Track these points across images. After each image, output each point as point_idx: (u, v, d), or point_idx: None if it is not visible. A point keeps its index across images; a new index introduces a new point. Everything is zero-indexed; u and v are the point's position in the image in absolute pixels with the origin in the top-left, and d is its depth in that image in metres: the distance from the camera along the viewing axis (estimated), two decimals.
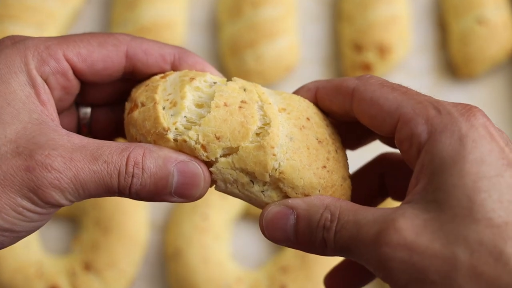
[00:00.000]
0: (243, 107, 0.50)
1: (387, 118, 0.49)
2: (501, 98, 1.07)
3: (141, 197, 0.50)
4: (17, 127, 0.48)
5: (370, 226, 0.45)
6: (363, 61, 1.04)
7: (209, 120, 0.49)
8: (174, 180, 0.49)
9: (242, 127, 0.49)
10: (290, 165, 0.49)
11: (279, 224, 0.50)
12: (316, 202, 0.49)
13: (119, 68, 0.55)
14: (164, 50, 0.56)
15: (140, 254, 0.95)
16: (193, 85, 0.52)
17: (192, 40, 1.10)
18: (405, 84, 1.14)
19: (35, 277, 0.90)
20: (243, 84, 0.53)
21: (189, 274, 0.91)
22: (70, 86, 0.54)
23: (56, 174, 0.47)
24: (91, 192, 0.48)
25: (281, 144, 0.49)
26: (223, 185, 0.51)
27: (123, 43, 0.55)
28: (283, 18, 1.05)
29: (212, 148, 0.49)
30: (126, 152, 0.49)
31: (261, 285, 0.91)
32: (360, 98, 0.51)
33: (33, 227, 0.49)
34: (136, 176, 0.48)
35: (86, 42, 0.54)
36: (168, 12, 1.06)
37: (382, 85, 0.50)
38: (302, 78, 1.08)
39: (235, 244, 0.97)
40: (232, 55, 1.05)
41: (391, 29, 1.04)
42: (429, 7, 1.13)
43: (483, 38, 1.04)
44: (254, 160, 0.49)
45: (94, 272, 0.91)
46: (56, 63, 0.52)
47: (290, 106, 0.53)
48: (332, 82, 0.54)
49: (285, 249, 0.94)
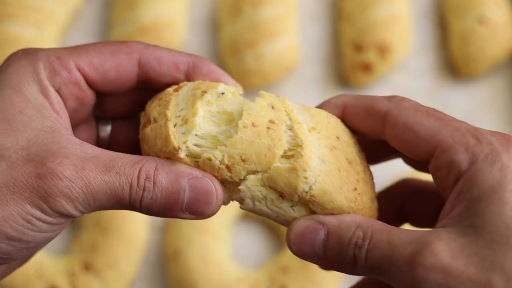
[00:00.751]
0: (271, 128, 0.49)
1: (423, 144, 0.49)
2: (501, 98, 1.06)
3: (152, 212, 0.49)
4: (29, 135, 0.47)
5: (405, 247, 0.45)
6: (363, 61, 1.03)
7: (236, 141, 0.48)
8: (186, 195, 0.49)
9: (268, 151, 0.49)
10: (321, 189, 0.49)
11: (307, 238, 0.49)
12: (347, 219, 0.49)
13: (132, 77, 0.54)
14: (177, 58, 0.55)
15: (140, 255, 0.95)
16: (205, 99, 0.51)
17: (192, 40, 1.10)
18: (405, 84, 1.14)
19: (35, 277, 0.90)
20: (271, 100, 0.51)
21: (189, 275, 0.91)
22: (84, 96, 0.54)
23: (67, 182, 0.46)
24: (102, 203, 0.47)
25: (313, 166, 0.49)
26: (251, 203, 0.50)
27: (135, 51, 0.54)
28: (283, 18, 1.05)
29: (236, 169, 0.49)
30: (138, 165, 0.48)
31: (261, 285, 0.91)
32: (393, 122, 0.51)
33: (42, 238, 0.48)
34: (147, 189, 0.48)
35: (98, 51, 0.53)
36: (168, 12, 1.06)
37: (416, 109, 0.50)
38: (302, 78, 1.08)
39: (235, 244, 0.97)
40: (232, 55, 1.05)
41: (391, 29, 1.04)
42: (430, 6, 1.13)
43: (483, 37, 1.04)
44: (285, 181, 0.49)
45: (94, 272, 0.91)
46: (68, 73, 0.51)
47: (319, 124, 0.52)
48: (362, 101, 0.53)
49: (285, 250, 0.94)
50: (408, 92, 1.07)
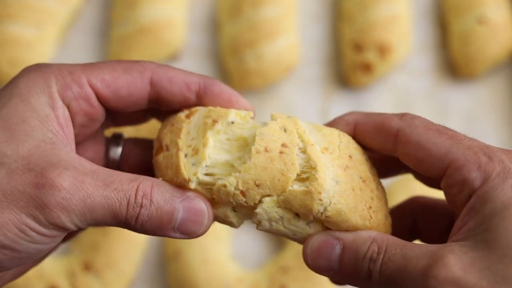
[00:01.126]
0: (283, 153, 0.50)
1: (436, 163, 0.50)
2: (501, 98, 1.06)
3: (145, 229, 0.50)
4: (30, 145, 0.48)
5: (418, 260, 0.46)
6: (363, 61, 1.04)
7: (250, 167, 0.49)
8: (179, 216, 0.50)
9: (282, 175, 0.50)
10: (336, 210, 0.50)
11: (324, 253, 0.51)
12: (363, 234, 0.50)
13: (144, 95, 0.55)
14: (189, 79, 0.55)
15: (139, 255, 0.95)
16: (215, 129, 0.52)
17: (192, 40, 1.10)
18: (405, 84, 1.14)
19: (35, 277, 0.90)
20: (283, 123, 0.52)
21: (189, 275, 0.91)
22: (93, 113, 0.54)
23: (66, 194, 0.46)
24: (97, 218, 0.48)
25: (328, 188, 0.50)
26: (268, 224, 0.51)
27: (148, 69, 0.54)
28: (283, 18, 1.05)
29: (251, 194, 0.50)
30: (136, 183, 0.49)
31: (261, 285, 0.91)
32: (405, 141, 0.52)
33: (34, 249, 0.47)
34: (145, 207, 0.48)
35: (111, 68, 0.53)
36: (168, 12, 1.06)
37: (427, 127, 0.51)
38: (302, 78, 1.08)
39: (235, 245, 0.97)
40: (232, 55, 1.05)
41: (391, 29, 1.04)
42: (430, 6, 1.13)
43: (483, 37, 1.04)
44: (300, 204, 0.50)
45: (94, 272, 0.91)
46: (79, 88, 0.52)
47: (332, 144, 0.53)
48: (373, 119, 0.54)
49: (285, 250, 0.94)
50: (408, 92, 1.07)
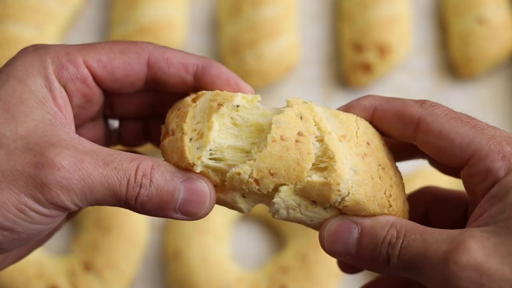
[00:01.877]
0: (299, 141, 0.49)
1: (458, 152, 0.50)
2: (501, 98, 1.07)
3: (146, 210, 0.49)
4: (29, 125, 0.47)
5: (439, 245, 0.46)
6: (363, 61, 1.04)
7: (265, 156, 0.49)
8: (180, 196, 0.49)
9: (297, 165, 0.49)
10: (354, 200, 0.49)
11: (341, 237, 0.50)
12: (381, 219, 0.50)
13: (141, 77, 0.54)
14: (186, 60, 0.55)
15: (140, 254, 0.95)
16: (221, 112, 0.51)
17: (192, 40, 1.10)
18: (405, 84, 1.14)
19: (35, 277, 0.90)
20: (299, 110, 0.51)
21: (189, 275, 0.91)
22: (90, 94, 0.54)
23: (65, 173, 0.46)
24: (97, 197, 0.47)
25: (346, 179, 0.49)
26: (285, 212, 0.51)
27: (145, 51, 0.54)
28: (283, 18, 1.05)
29: (265, 183, 0.49)
30: (136, 162, 0.48)
31: (261, 285, 0.91)
32: (426, 129, 0.51)
33: (34, 230, 0.47)
34: (144, 186, 0.48)
35: (107, 49, 0.53)
36: (168, 11, 1.06)
37: (449, 116, 0.51)
38: (302, 78, 1.08)
39: (235, 245, 0.97)
40: (232, 55, 1.05)
41: (391, 29, 1.04)
42: (429, 7, 1.13)
43: (483, 38, 1.04)
44: (318, 193, 0.49)
45: (94, 272, 0.91)
46: (75, 68, 0.52)
47: (349, 131, 0.52)
48: (393, 105, 0.53)
49: (285, 249, 0.94)
50: (408, 92, 1.07)
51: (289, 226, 0.95)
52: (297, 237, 0.93)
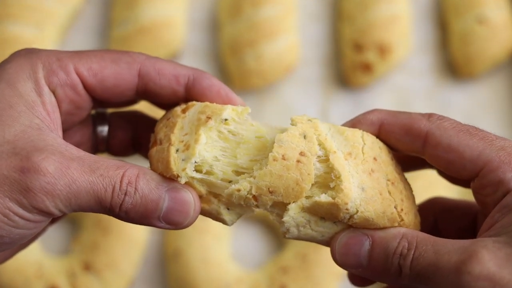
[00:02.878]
0: (300, 162, 0.49)
1: (468, 165, 0.50)
2: (501, 98, 1.06)
3: (130, 217, 0.49)
4: (16, 130, 0.48)
5: (451, 255, 0.46)
6: (363, 61, 1.03)
7: (265, 174, 0.49)
8: (165, 205, 0.49)
9: (296, 185, 0.49)
10: (363, 217, 0.50)
11: (352, 249, 0.50)
12: (392, 230, 0.50)
13: (131, 87, 0.54)
14: (178, 71, 0.55)
15: (139, 255, 0.95)
16: (208, 125, 0.51)
17: (192, 40, 1.10)
18: (405, 84, 1.14)
19: (35, 277, 0.90)
20: (303, 129, 0.51)
21: (189, 275, 0.91)
22: (79, 101, 0.54)
23: (51, 179, 0.46)
24: (82, 204, 0.48)
25: (354, 197, 0.49)
26: (296, 230, 0.51)
27: (137, 61, 0.54)
28: (283, 18, 1.05)
29: (263, 200, 0.50)
30: (122, 170, 0.49)
31: (261, 285, 0.91)
32: (435, 143, 0.51)
33: (18, 234, 0.47)
34: (129, 194, 0.48)
35: (99, 57, 0.53)
36: (168, 11, 1.06)
37: (458, 129, 0.51)
38: (302, 78, 1.08)
39: (235, 245, 0.97)
40: (232, 55, 1.05)
41: (391, 29, 1.04)
42: (430, 6, 1.13)
43: (483, 37, 1.04)
44: (326, 212, 0.50)
45: (94, 272, 0.91)
46: (66, 75, 0.52)
47: (355, 148, 0.51)
48: (400, 120, 0.53)
49: (285, 250, 0.94)
50: (408, 92, 1.07)
51: None
52: None
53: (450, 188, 0.86)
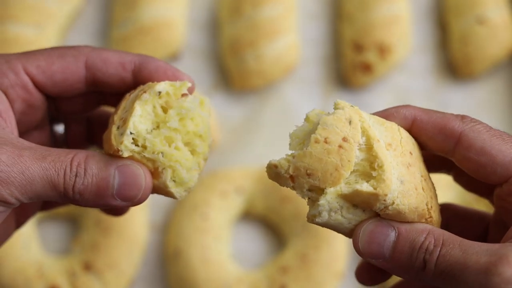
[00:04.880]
0: (342, 147, 0.48)
1: (499, 169, 0.50)
2: (501, 98, 1.07)
3: (85, 199, 0.50)
4: None
5: (480, 256, 0.46)
6: (363, 61, 1.04)
7: (304, 155, 0.48)
8: (116, 182, 0.50)
9: (335, 170, 0.48)
10: (397, 210, 0.49)
11: (376, 238, 0.50)
12: (419, 225, 0.50)
13: (80, 79, 0.56)
14: (123, 58, 0.56)
15: (140, 255, 0.95)
16: (143, 99, 0.52)
17: (192, 40, 1.10)
18: (405, 84, 1.14)
19: (35, 277, 0.90)
20: (350, 114, 0.49)
21: (189, 275, 0.91)
22: (32, 99, 0.55)
23: (3, 167, 0.47)
24: (37, 190, 0.48)
25: (393, 189, 0.49)
26: (327, 215, 0.50)
27: (82, 53, 0.55)
28: (283, 18, 1.05)
29: (300, 182, 0.49)
30: (72, 154, 0.50)
31: (261, 285, 0.91)
32: (468, 145, 0.51)
33: None
34: (79, 175, 0.49)
35: (46, 55, 0.55)
36: (168, 11, 1.06)
37: (491, 134, 0.52)
38: (302, 78, 1.08)
39: (235, 244, 0.97)
40: (232, 55, 1.05)
41: (391, 29, 1.04)
42: (430, 7, 1.13)
43: (483, 38, 1.04)
44: (363, 200, 0.49)
45: (94, 272, 0.91)
46: (15, 75, 0.53)
47: (394, 140, 0.51)
48: (434, 118, 0.53)
49: (285, 249, 0.94)
50: (408, 92, 1.07)
51: (289, 226, 0.95)
52: (297, 237, 0.93)
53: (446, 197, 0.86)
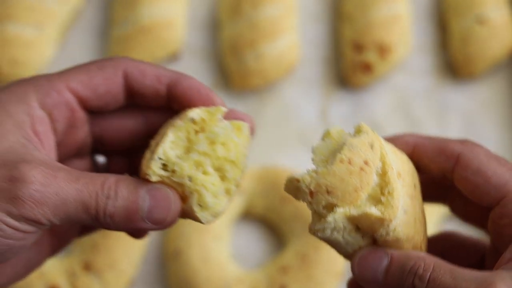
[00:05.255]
0: (363, 170, 0.50)
1: (492, 191, 0.52)
2: (501, 98, 1.07)
3: (115, 223, 0.50)
4: (4, 145, 0.49)
5: (469, 283, 0.47)
6: (363, 61, 1.04)
7: (328, 173, 0.49)
8: (146, 204, 0.51)
9: (354, 191, 0.50)
10: (396, 237, 0.51)
11: (371, 263, 0.51)
12: (412, 252, 0.52)
13: (120, 89, 0.56)
14: (160, 72, 0.56)
15: (140, 255, 0.95)
16: (176, 125, 0.52)
17: (192, 40, 1.10)
18: (405, 84, 1.14)
19: (35, 277, 0.91)
20: (372, 139, 0.52)
21: (189, 274, 0.91)
22: (75, 118, 0.55)
23: (39, 187, 0.47)
24: (70, 211, 0.48)
25: (397, 217, 0.50)
26: (329, 232, 0.51)
27: (121, 64, 0.56)
28: (283, 18, 1.05)
29: (319, 198, 0.50)
30: (103, 177, 0.50)
31: (261, 285, 0.91)
32: (465, 165, 0.53)
33: (7, 245, 0.48)
34: (111, 197, 0.49)
35: (86, 69, 0.55)
36: (168, 11, 1.06)
37: (488, 156, 0.53)
38: (302, 78, 1.08)
39: (235, 244, 0.97)
40: (232, 55, 1.05)
41: (391, 29, 1.04)
42: (430, 7, 1.13)
43: (483, 38, 1.04)
44: (369, 224, 0.50)
45: (94, 272, 0.92)
46: (58, 94, 0.53)
47: (404, 170, 0.53)
48: (434, 141, 0.56)
49: (285, 249, 0.94)
50: (408, 92, 1.07)
51: (289, 226, 0.95)
52: (297, 237, 0.93)
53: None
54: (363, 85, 1.06)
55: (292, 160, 1.01)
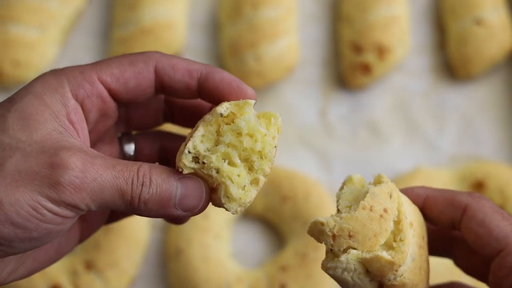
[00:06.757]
0: (383, 217, 0.53)
1: (493, 242, 0.55)
2: (499, 99, 1.07)
3: (149, 209, 0.52)
4: (43, 132, 0.50)
5: None
6: (362, 61, 1.04)
7: (351, 218, 0.53)
8: (178, 192, 0.52)
9: (374, 237, 0.53)
10: (402, 282, 0.53)
11: None
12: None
13: (150, 84, 0.57)
14: (191, 66, 0.58)
15: (141, 254, 0.96)
16: (207, 120, 0.54)
17: (192, 41, 1.11)
18: (403, 84, 1.14)
19: (37, 276, 0.91)
20: (391, 189, 0.56)
21: (190, 274, 0.92)
22: (106, 108, 0.57)
23: (78, 173, 0.48)
24: (106, 197, 0.50)
25: (405, 263, 0.53)
26: (340, 272, 0.54)
27: (152, 59, 0.57)
28: (283, 19, 1.06)
29: (340, 241, 0.53)
30: (137, 165, 0.52)
31: (261, 284, 0.91)
32: (472, 215, 0.56)
33: (46, 229, 0.49)
34: (145, 185, 0.51)
35: (117, 62, 0.56)
36: (168, 13, 1.06)
37: (493, 210, 0.56)
38: (302, 79, 1.08)
39: (235, 244, 0.98)
40: (232, 56, 1.05)
41: (390, 30, 1.05)
42: (428, 8, 1.13)
43: (481, 39, 1.04)
44: (379, 268, 0.53)
45: (96, 271, 0.92)
46: (90, 86, 0.55)
47: (415, 221, 0.57)
48: (444, 193, 0.59)
49: (285, 249, 0.94)
50: (406, 92, 1.07)
51: (289, 226, 0.95)
52: (297, 237, 0.94)
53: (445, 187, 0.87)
54: (362, 86, 1.06)
55: (292, 160, 1.02)
